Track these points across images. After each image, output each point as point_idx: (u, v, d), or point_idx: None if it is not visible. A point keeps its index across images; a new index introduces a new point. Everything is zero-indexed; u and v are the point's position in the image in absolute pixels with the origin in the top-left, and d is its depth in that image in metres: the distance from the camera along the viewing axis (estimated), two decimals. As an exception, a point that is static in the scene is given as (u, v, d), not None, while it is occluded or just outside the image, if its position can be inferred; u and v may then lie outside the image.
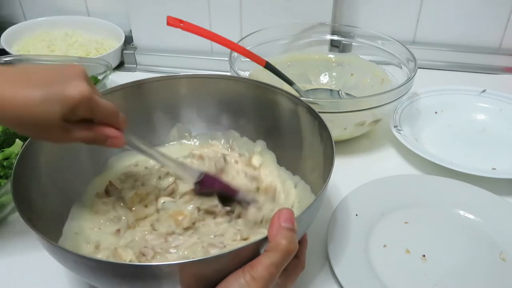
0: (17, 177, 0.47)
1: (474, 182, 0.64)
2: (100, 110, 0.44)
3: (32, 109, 0.40)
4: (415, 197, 0.63)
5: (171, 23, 0.66)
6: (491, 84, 0.86)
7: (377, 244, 0.57)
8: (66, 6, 1.06)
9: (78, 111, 0.42)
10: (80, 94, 0.41)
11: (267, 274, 0.38)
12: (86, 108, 0.42)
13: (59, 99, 0.41)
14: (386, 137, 0.76)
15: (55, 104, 0.40)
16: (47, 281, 0.53)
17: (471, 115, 0.81)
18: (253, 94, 0.62)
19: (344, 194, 0.62)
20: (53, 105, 0.40)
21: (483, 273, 0.53)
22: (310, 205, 0.43)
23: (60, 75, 0.42)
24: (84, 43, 0.99)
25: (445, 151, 0.73)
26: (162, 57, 0.96)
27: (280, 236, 0.40)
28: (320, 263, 0.55)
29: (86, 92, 0.42)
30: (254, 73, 0.79)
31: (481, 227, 0.59)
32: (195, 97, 0.64)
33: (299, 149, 0.59)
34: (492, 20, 0.93)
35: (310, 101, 0.62)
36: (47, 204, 0.51)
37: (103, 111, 0.44)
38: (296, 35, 0.86)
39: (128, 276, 0.40)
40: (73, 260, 0.41)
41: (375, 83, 0.81)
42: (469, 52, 0.95)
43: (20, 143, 0.67)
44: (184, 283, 0.39)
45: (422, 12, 0.94)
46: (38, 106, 0.40)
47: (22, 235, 0.58)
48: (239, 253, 0.39)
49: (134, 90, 0.61)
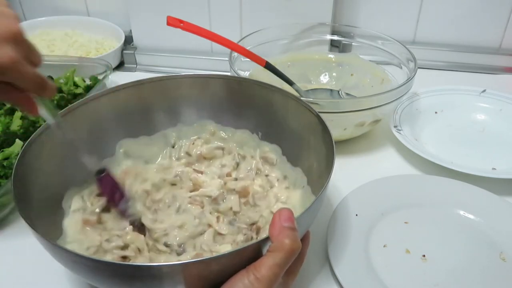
0: (17, 177, 0.47)
1: (474, 182, 0.64)
2: (21, 80, 0.42)
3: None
4: (415, 197, 0.63)
5: (171, 23, 0.66)
6: (491, 84, 0.86)
7: (377, 244, 0.57)
8: (66, 6, 1.06)
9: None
10: (0, 62, 0.39)
11: (271, 274, 0.38)
12: (5, 76, 0.40)
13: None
14: (386, 137, 0.76)
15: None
16: (47, 281, 0.53)
17: (471, 115, 0.81)
18: (253, 94, 0.62)
19: (344, 194, 0.62)
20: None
21: (483, 273, 0.53)
22: (311, 205, 0.43)
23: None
24: (84, 43, 0.99)
25: (445, 151, 0.73)
26: (162, 57, 0.96)
27: (283, 236, 0.40)
28: (320, 263, 0.55)
29: (8, 61, 0.39)
30: (254, 73, 0.79)
31: (481, 227, 0.59)
32: (195, 97, 0.64)
33: (299, 149, 0.59)
34: (492, 20, 0.93)
35: (310, 101, 0.62)
36: (47, 204, 0.51)
37: (25, 81, 0.42)
38: (296, 35, 0.86)
39: (127, 277, 0.40)
40: (73, 260, 0.41)
41: (375, 83, 0.81)
42: (469, 52, 0.95)
43: (20, 143, 0.67)
44: (187, 284, 0.39)
45: (422, 12, 0.94)
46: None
47: (22, 235, 0.58)
48: (241, 253, 0.39)
49: (134, 90, 0.61)
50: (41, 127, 0.53)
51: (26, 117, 0.72)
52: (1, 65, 0.39)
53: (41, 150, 0.52)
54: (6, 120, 0.71)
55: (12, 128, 0.70)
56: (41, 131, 0.52)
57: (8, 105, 0.75)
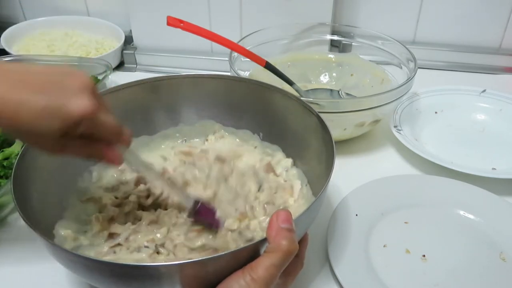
0: (17, 177, 0.47)
1: (474, 182, 0.64)
2: (101, 129, 0.41)
3: (29, 118, 0.37)
4: (415, 197, 0.63)
5: (171, 23, 0.66)
6: (491, 84, 0.86)
7: (377, 244, 0.57)
8: (66, 6, 1.06)
9: (78, 128, 0.39)
10: (82, 112, 0.38)
11: (268, 275, 0.38)
12: (86, 127, 0.39)
13: (59, 114, 0.37)
14: (386, 137, 0.76)
15: (54, 119, 0.37)
16: (47, 281, 0.53)
17: (471, 115, 0.81)
18: (253, 94, 0.62)
19: (344, 194, 0.62)
20: (52, 119, 0.37)
21: (483, 273, 0.53)
22: (310, 205, 0.43)
23: (63, 84, 0.38)
24: (84, 43, 0.99)
25: (445, 151, 0.73)
26: (162, 57, 0.96)
27: (280, 237, 0.40)
28: (320, 263, 0.55)
29: (89, 110, 0.38)
30: (254, 73, 0.79)
31: (481, 227, 0.59)
32: (195, 97, 0.64)
33: (299, 149, 0.59)
34: (492, 20, 0.93)
35: (310, 101, 0.62)
36: (47, 204, 0.51)
37: (105, 130, 0.42)
38: (296, 35, 0.86)
39: (126, 277, 0.40)
40: (72, 260, 0.41)
41: (375, 83, 0.81)
42: (469, 52, 0.95)
43: (20, 143, 0.67)
44: (183, 284, 0.39)
45: (422, 12, 0.94)
46: (36, 116, 0.37)
47: (22, 235, 0.58)
48: (238, 254, 0.39)
49: (134, 90, 0.61)
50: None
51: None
52: (83, 113, 0.38)
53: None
54: (6, 120, 0.71)
55: (12, 128, 0.70)
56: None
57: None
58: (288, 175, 0.59)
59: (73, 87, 0.39)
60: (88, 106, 0.38)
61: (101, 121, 0.41)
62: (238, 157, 0.62)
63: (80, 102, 0.38)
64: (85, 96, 0.39)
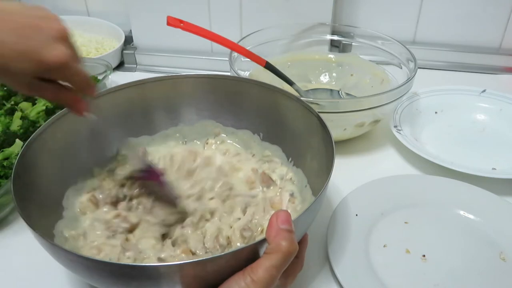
0: (17, 177, 0.47)
1: (474, 182, 0.64)
2: (73, 78, 0.43)
3: (5, 58, 0.39)
4: (415, 197, 0.63)
5: (171, 23, 0.66)
6: (491, 84, 0.86)
7: (377, 244, 0.57)
8: (66, 6, 1.06)
9: (51, 74, 0.41)
10: (56, 59, 0.40)
11: (268, 276, 0.38)
12: (59, 73, 0.42)
13: (36, 59, 0.39)
14: (386, 137, 0.76)
15: (31, 62, 0.39)
16: (47, 281, 0.53)
17: (471, 115, 0.81)
18: (253, 94, 0.62)
19: (344, 194, 0.62)
20: (27, 62, 0.39)
21: (483, 273, 0.53)
22: (310, 205, 0.43)
23: (41, 29, 0.40)
24: (84, 43, 0.99)
25: (445, 151, 0.73)
26: (162, 57, 0.96)
27: (280, 238, 0.39)
28: (320, 263, 0.55)
29: (64, 59, 0.40)
30: (254, 73, 0.79)
31: (481, 227, 0.59)
32: (195, 97, 0.64)
33: (299, 149, 0.59)
34: (492, 20, 0.93)
35: (310, 101, 0.62)
36: (47, 204, 0.51)
37: (76, 79, 0.44)
38: (296, 35, 0.86)
39: (125, 276, 0.40)
40: (72, 260, 0.41)
41: (375, 83, 0.80)
42: (469, 52, 0.95)
43: (20, 143, 0.67)
44: (183, 284, 0.39)
45: (422, 12, 0.94)
46: (13, 58, 0.39)
47: (22, 235, 0.58)
48: (238, 254, 0.39)
49: (135, 90, 0.61)
50: (41, 127, 0.53)
51: (26, 117, 0.72)
52: (57, 62, 0.40)
53: (41, 150, 0.52)
54: (6, 120, 0.71)
55: (12, 128, 0.70)
56: (41, 131, 0.52)
57: (8, 105, 0.75)
58: (283, 183, 0.59)
59: (50, 34, 0.40)
60: (63, 55, 0.40)
61: (73, 71, 0.42)
62: (235, 171, 0.61)
63: (56, 50, 0.40)
64: (61, 44, 0.41)
